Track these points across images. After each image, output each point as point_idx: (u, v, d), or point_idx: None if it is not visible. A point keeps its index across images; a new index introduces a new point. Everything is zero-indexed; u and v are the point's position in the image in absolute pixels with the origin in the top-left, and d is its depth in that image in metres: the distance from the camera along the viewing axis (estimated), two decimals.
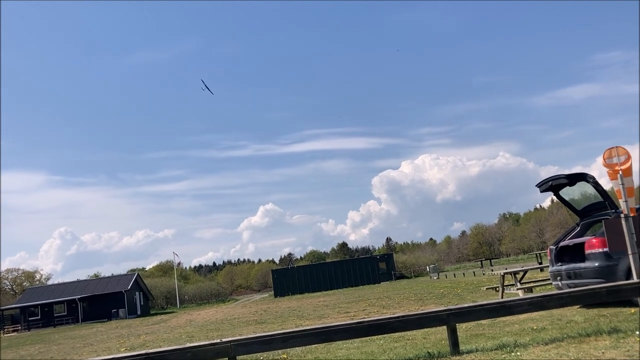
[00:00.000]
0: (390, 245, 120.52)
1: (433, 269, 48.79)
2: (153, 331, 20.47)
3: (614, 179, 8.17)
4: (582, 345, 6.04)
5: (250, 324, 17.27)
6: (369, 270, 55.29)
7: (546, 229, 79.12)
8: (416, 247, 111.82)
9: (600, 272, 9.08)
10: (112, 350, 14.18)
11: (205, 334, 15.52)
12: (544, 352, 5.93)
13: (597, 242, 9.23)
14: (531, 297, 7.28)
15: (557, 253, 10.93)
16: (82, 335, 24.97)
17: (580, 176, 9.99)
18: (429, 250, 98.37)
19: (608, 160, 8.28)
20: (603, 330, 6.64)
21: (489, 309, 7.03)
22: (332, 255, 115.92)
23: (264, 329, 14.54)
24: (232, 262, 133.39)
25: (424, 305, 15.58)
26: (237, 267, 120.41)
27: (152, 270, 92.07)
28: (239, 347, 6.45)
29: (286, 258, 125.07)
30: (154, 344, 14.24)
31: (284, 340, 6.60)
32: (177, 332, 17.78)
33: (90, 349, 15.83)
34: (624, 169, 8.11)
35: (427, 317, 6.89)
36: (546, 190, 10.88)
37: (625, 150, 8.26)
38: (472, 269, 52.44)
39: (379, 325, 6.86)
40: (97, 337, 21.33)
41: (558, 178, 10.39)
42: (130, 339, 17.67)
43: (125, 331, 23.11)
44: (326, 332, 6.70)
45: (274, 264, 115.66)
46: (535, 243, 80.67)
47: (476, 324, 8.83)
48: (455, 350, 6.55)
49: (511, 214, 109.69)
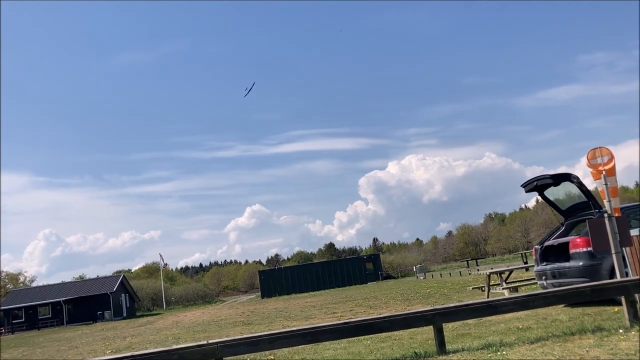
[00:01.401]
0: (377, 245, 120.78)
1: (419, 269, 49.01)
2: (139, 333, 20.32)
3: (598, 179, 8.26)
4: (567, 344, 6.10)
5: (237, 325, 17.21)
6: (356, 271, 55.38)
7: (531, 229, 79.81)
8: (403, 247, 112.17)
9: (585, 271, 9.18)
10: (98, 352, 14.06)
11: (192, 335, 15.43)
12: (529, 351, 5.98)
13: (581, 242, 9.33)
14: (516, 297, 7.32)
15: (542, 253, 11.02)
16: (67, 337, 24.72)
17: (565, 176, 10.08)
18: (415, 251, 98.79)
19: (592, 161, 8.36)
20: (587, 328, 6.71)
21: (475, 308, 7.07)
22: (319, 256, 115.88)
23: (251, 330, 14.49)
24: (219, 263, 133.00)
25: (411, 305, 15.64)
26: (224, 268, 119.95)
27: (138, 272, 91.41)
28: (226, 348, 6.42)
29: (273, 259, 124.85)
30: (140, 346, 14.13)
31: (270, 341, 6.58)
32: (164, 334, 17.67)
33: (75, 352, 15.67)
34: (608, 169, 8.19)
35: (414, 317, 6.90)
36: (531, 190, 10.96)
37: (609, 150, 8.35)
38: (458, 269, 52.72)
39: (365, 325, 6.87)
40: (82, 340, 21.12)
41: (543, 178, 10.47)
42: (116, 341, 17.53)
43: (111, 333, 22.92)
44: (313, 333, 6.70)
45: (261, 265, 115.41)
46: (521, 243, 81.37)
47: (462, 323, 8.88)
48: (442, 350, 6.57)
49: (497, 214, 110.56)
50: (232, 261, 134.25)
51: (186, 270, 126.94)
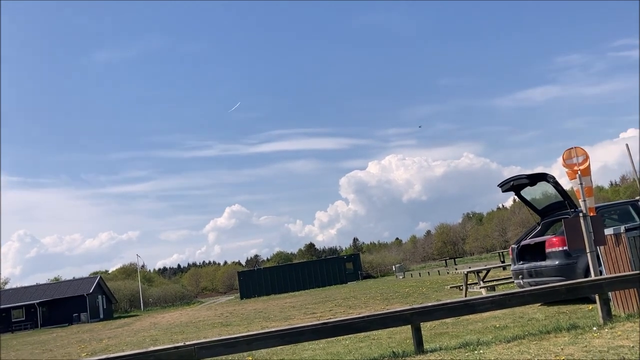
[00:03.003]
0: (357, 245, 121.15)
1: (399, 268, 49.22)
2: (116, 335, 20.07)
3: (573, 178, 8.36)
4: (543, 342, 6.16)
5: (216, 326, 17.10)
6: (336, 271, 55.44)
7: (508, 228, 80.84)
8: (382, 247, 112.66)
9: (560, 270, 9.30)
10: (73, 355, 13.85)
11: (170, 337, 15.29)
12: (506, 349, 6.03)
13: (557, 241, 9.45)
14: (494, 296, 7.38)
15: (518, 252, 11.14)
16: (42, 340, 24.30)
17: (541, 176, 10.20)
18: (395, 250, 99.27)
19: (567, 161, 8.47)
20: (562, 327, 6.79)
21: (453, 307, 7.11)
22: (299, 256, 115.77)
23: (230, 331, 14.40)
24: (198, 264, 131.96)
25: (390, 304, 15.69)
26: (203, 269, 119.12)
27: (115, 273, 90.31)
28: (203, 350, 6.36)
29: (252, 260, 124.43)
30: (116, 348, 13.95)
31: (248, 342, 6.54)
32: (141, 336, 17.47)
33: (49, 355, 15.41)
34: (583, 169, 8.31)
35: (392, 316, 6.92)
36: (508, 190, 11.07)
37: (584, 150, 8.46)
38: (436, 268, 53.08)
39: (344, 325, 6.86)
40: (57, 343, 20.77)
41: (519, 178, 10.58)
42: (92, 344, 17.28)
43: (87, 335, 22.59)
44: (291, 334, 6.67)
45: (240, 265, 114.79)
46: (498, 242, 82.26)
47: (440, 322, 8.93)
48: (420, 349, 6.60)
49: (475, 214, 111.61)
50: (211, 262, 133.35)
51: (164, 272, 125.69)
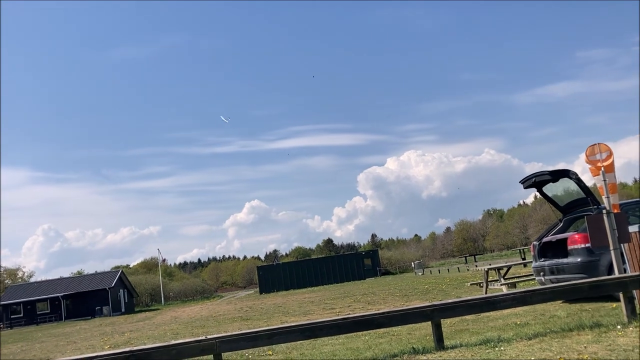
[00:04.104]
0: (375, 241, 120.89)
1: (418, 265, 49.05)
2: (137, 328, 20.34)
3: (597, 175, 8.25)
4: (565, 339, 6.11)
5: (236, 320, 17.23)
6: (354, 267, 55.44)
7: (529, 225, 79.94)
8: (401, 243, 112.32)
9: (583, 267, 9.19)
10: (96, 348, 14.06)
11: (191, 330, 15.45)
12: (527, 347, 5.99)
13: (580, 238, 9.34)
14: (515, 293, 7.33)
15: (540, 249, 11.03)
16: (66, 333, 24.73)
17: (563, 173, 10.08)
18: (413, 247, 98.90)
19: (590, 157, 8.36)
20: (585, 324, 6.72)
21: (473, 304, 7.07)
22: (317, 252, 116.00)
23: (249, 325, 14.50)
24: (217, 259, 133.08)
25: (409, 301, 15.65)
26: (222, 264, 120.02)
27: (137, 267, 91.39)
28: (224, 343, 6.42)
29: (271, 254, 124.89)
30: (138, 342, 14.14)
31: (269, 336, 6.58)
32: (162, 329, 17.68)
33: (73, 347, 15.68)
34: (606, 165, 8.19)
35: (412, 312, 6.91)
36: (530, 186, 10.96)
37: (608, 147, 8.34)
38: (456, 265, 52.80)
39: (364, 321, 6.87)
40: (80, 335, 21.13)
41: (541, 174, 10.47)
42: (115, 337, 17.54)
43: (109, 329, 22.93)
44: (311, 329, 6.70)
45: (259, 260, 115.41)
46: (519, 239, 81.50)
47: (460, 319, 8.89)
48: (440, 346, 6.58)
49: (495, 210, 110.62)
50: (231, 257, 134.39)
51: (185, 266, 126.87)
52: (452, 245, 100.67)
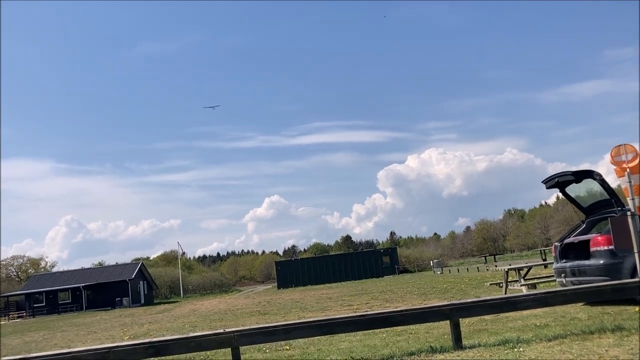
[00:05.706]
0: (394, 239, 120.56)
1: (436, 263, 48.82)
2: (156, 320, 20.58)
3: (622, 176, 8.12)
4: (586, 342, 6.03)
5: (253, 314, 17.33)
6: (373, 264, 55.37)
7: (551, 226, 78.91)
8: (420, 241, 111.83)
9: (605, 269, 9.05)
10: (116, 338, 14.26)
11: (209, 324, 15.58)
12: (546, 348, 5.92)
13: (603, 240, 9.19)
14: (535, 294, 7.26)
15: (561, 250, 10.89)
16: (86, 322, 25.14)
17: (587, 173, 9.94)
18: (432, 245, 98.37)
19: (616, 158, 8.23)
20: (607, 327, 6.62)
21: (492, 304, 7.02)
22: (335, 248, 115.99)
23: (267, 320, 14.58)
24: (236, 253, 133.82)
25: (427, 299, 15.59)
26: (241, 258, 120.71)
27: (157, 260, 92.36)
28: (242, 337, 6.47)
29: (290, 250, 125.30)
30: (157, 333, 14.31)
31: (286, 331, 6.62)
32: (181, 322, 17.87)
33: (94, 337, 15.93)
34: (632, 166, 8.06)
35: (430, 311, 6.89)
36: (552, 186, 10.83)
37: (634, 147, 8.20)
38: (475, 265, 52.37)
39: (382, 318, 6.87)
40: (100, 325, 21.46)
41: (564, 175, 10.33)
42: (134, 328, 17.77)
43: (129, 320, 23.24)
44: (329, 325, 6.71)
45: (278, 255, 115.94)
46: (540, 239, 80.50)
47: (479, 319, 8.82)
48: (458, 345, 6.55)
49: (516, 210, 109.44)
50: (250, 251, 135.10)
51: (204, 259, 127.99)
52: (472, 245, 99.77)
